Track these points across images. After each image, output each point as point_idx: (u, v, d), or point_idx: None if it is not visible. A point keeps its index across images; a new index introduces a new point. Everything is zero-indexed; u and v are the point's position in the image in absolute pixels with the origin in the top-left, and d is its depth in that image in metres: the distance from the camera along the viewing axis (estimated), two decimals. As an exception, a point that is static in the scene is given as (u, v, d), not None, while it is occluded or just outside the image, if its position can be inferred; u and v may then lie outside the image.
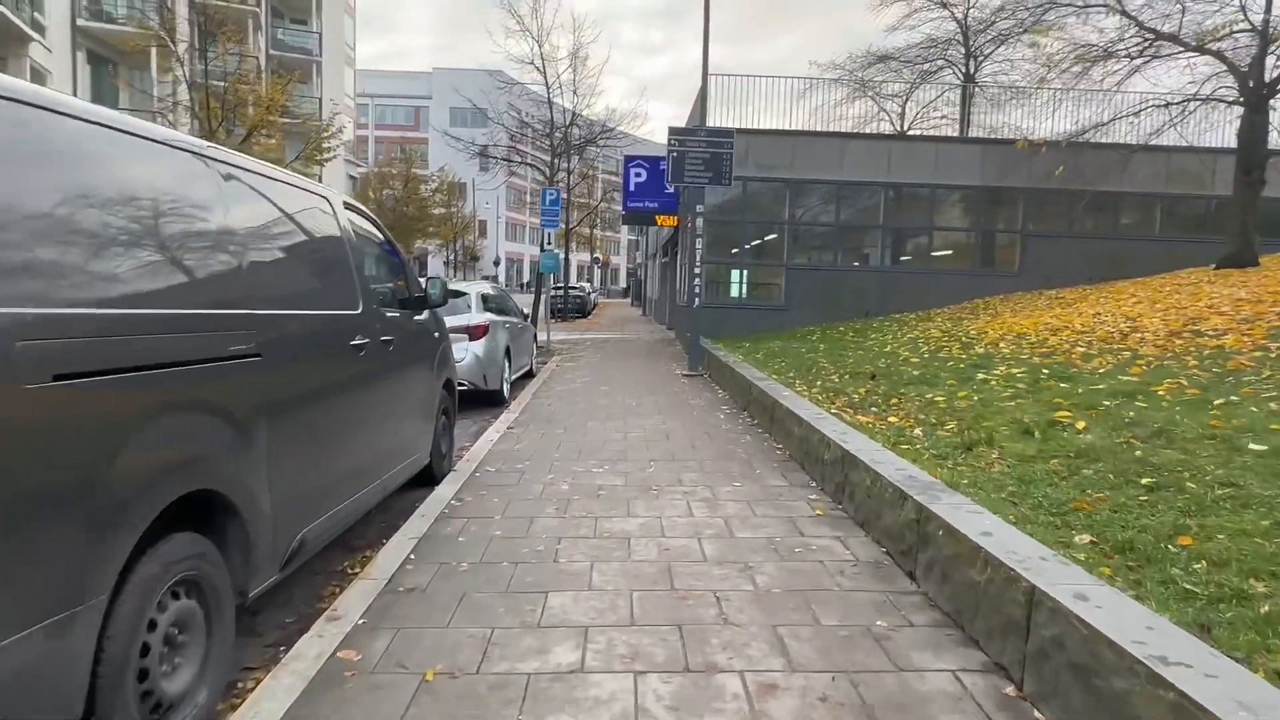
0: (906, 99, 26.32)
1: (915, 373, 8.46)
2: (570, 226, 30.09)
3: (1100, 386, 6.57)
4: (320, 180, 28.38)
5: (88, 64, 27.13)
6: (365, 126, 74.44)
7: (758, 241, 17.35)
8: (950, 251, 17.56)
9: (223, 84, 20.96)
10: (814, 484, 5.48)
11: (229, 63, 21.88)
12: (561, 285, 29.91)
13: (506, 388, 9.76)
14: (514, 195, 73.58)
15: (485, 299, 9.65)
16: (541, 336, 17.37)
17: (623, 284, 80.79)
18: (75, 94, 25.38)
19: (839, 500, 4.98)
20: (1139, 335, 9.06)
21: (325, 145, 23.42)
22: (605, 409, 8.75)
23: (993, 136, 17.43)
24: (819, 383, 8.73)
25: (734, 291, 17.37)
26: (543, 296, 16.95)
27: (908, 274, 17.07)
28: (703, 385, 11.06)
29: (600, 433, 7.31)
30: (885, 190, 16.90)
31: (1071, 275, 16.67)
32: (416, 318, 5.21)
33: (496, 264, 71.34)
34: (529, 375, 12.08)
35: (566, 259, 29.73)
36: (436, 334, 5.57)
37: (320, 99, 41.53)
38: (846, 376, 8.98)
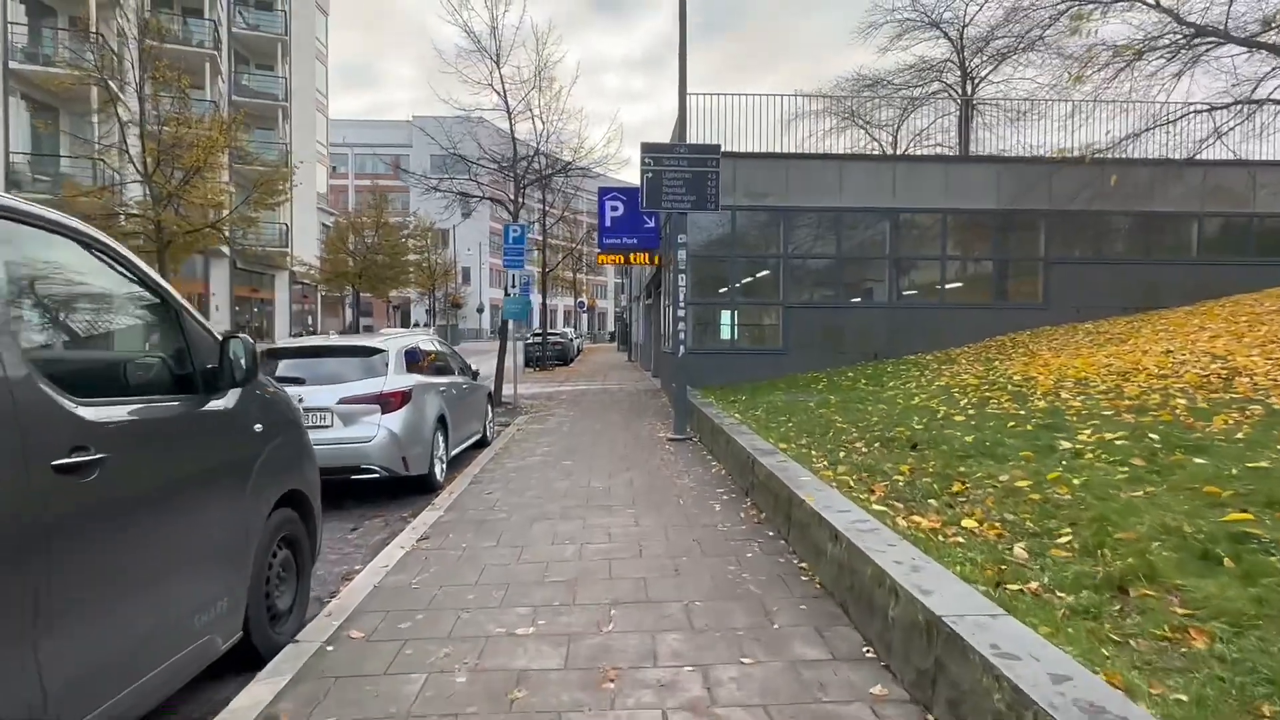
0: (899, 125, 24.87)
1: (967, 438, 6.42)
2: (548, 269, 28.26)
3: (1263, 463, 4.56)
4: (288, 228, 26.29)
5: (26, 110, 25.38)
6: (345, 176, 73.48)
7: (749, 279, 15.45)
8: (964, 284, 15.70)
9: (159, 127, 19.19)
10: (874, 654, 3.38)
11: (177, 106, 20.17)
12: (540, 332, 27.93)
13: (441, 468, 7.66)
14: (497, 241, 72.16)
15: (411, 356, 7.59)
16: (508, 390, 15.30)
17: (610, 328, 79.03)
18: (5, 142, 23.43)
19: (928, 702, 2.88)
20: (1247, 379, 7.08)
21: (277, 188, 21.60)
22: (563, 498, 6.65)
23: (1008, 155, 15.75)
24: (842, 454, 6.68)
25: (724, 334, 15.40)
26: (509, 346, 14.88)
27: (918, 309, 15.17)
28: (692, 454, 8.98)
29: (547, 544, 5.21)
30: (890, 217, 15.09)
31: (1103, 305, 14.82)
32: (212, 405, 3.14)
33: (480, 311, 69.57)
34: (480, 444, 9.99)
35: (545, 304, 27.81)
36: (260, 426, 3.47)
37: (289, 145, 40.02)
38: (876, 445, 6.92)
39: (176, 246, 20.29)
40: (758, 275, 15.48)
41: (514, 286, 14.48)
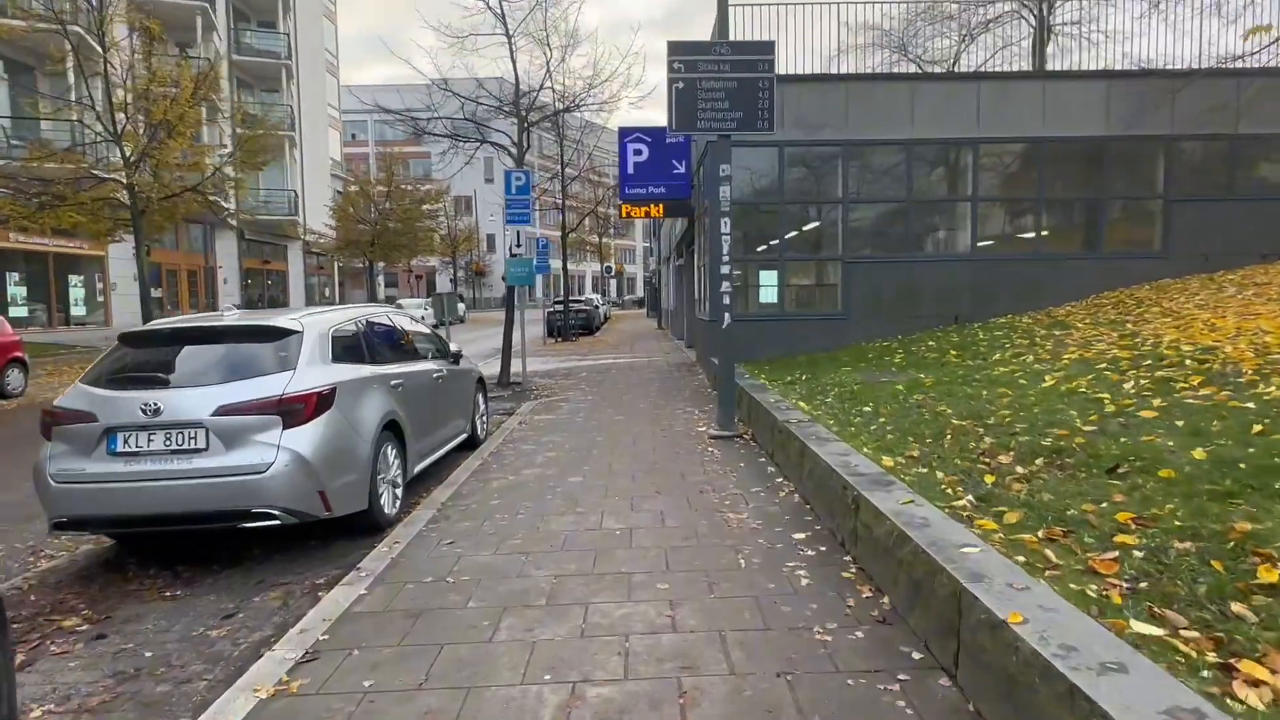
0: (956, 58, 21.86)
1: (1193, 452, 4.01)
2: (569, 231, 25.84)
3: None
4: (298, 195, 24.06)
5: (3, 72, 23.42)
6: (365, 144, 71.22)
7: (802, 230, 12.90)
8: (1061, 230, 12.98)
9: (125, 78, 17.01)
10: None
11: (145, 55, 17.96)
12: (562, 299, 25.62)
13: (392, 498, 5.40)
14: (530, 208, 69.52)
15: (345, 339, 5.30)
16: (517, 368, 13.04)
17: (640, 294, 76.47)
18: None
19: None
20: None
21: (262, 147, 19.41)
22: (560, 555, 4.36)
23: (1126, 68, 12.82)
24: (988, 478, 4.28)
25: (770, 297, 12.90)
26: (515, 317, 12.58)
27: (1006, 262, 12.51)
28: (746, 462, 6.62)
29: (512, 677, 2.92)
30: (972, 150, 12.39)
31: (1238, 252, 12.05)
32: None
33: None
34: (470, 445, 7.75)
35: (565, 268, 25.46)
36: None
37: (295, 108, 37.84)
38: (1036, 462, 4.51)
39: (156, 212, 18.28)
40: (812, 225, 12.91)
41: (518, 245, 12.13)
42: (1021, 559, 3.08)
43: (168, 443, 4.28)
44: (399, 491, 5.51)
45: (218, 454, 4.30)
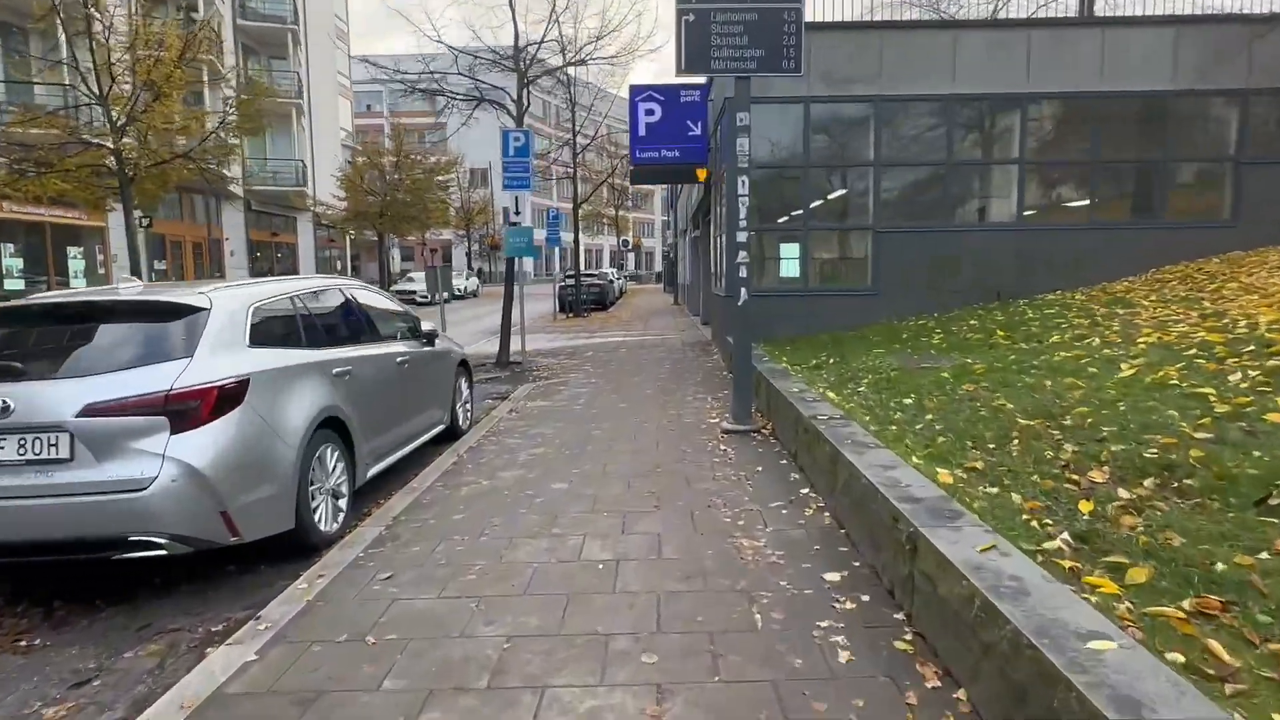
0: (994, 15, 20.34)
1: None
2: (581, 201, 24.73)
3: None
4: (305, 165, 22.75)
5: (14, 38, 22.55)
6: (380, 115, 69.99)
7: (828, 197, 11.74)
8: (1114, 197, 11.72)
9: (106, 34, 16.03)
10: None
11: (143, 21, 16.97)
12: (574, 273, 24.56)
13: (331, 512, 4.44)
14: (540, 180, 68.62)
15: (270, 318, 4.32)
16: (516, 346, 12.07)
17: (658, 268, 75.26)
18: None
19: None
20: None
21: (255, 110, 18.40)
22: (521, 600, 3.39)
23: (1197, 14, 11.40)
24: (1082, 506, 3.25)
25: (792, 270, 11.79)
26: (515, 291, 11.57)
27: (1055, 232, 11.30)
28: (764, 465, 5.60)
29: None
30: (1020, 107, 11.13)
31: (1319, 221, 10.77)
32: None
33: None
34: (450, 435, 6.81)
35: (577, 240, 24.38)
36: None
37: (303, 75, 36.79)
38: (1145, 482, 3.47)
39: (146, 180, 17.41)
40: (839, 192, 11.75)
41: (516, 213, 11.09)
42: (1178, 656, 2.06)
43: (20, 451, 3.35)
44: (344, 502, 4.56)
45: (85, 466, 3.36)
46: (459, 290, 39.61)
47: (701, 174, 13.81)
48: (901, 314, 11.19)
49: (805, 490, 4.78)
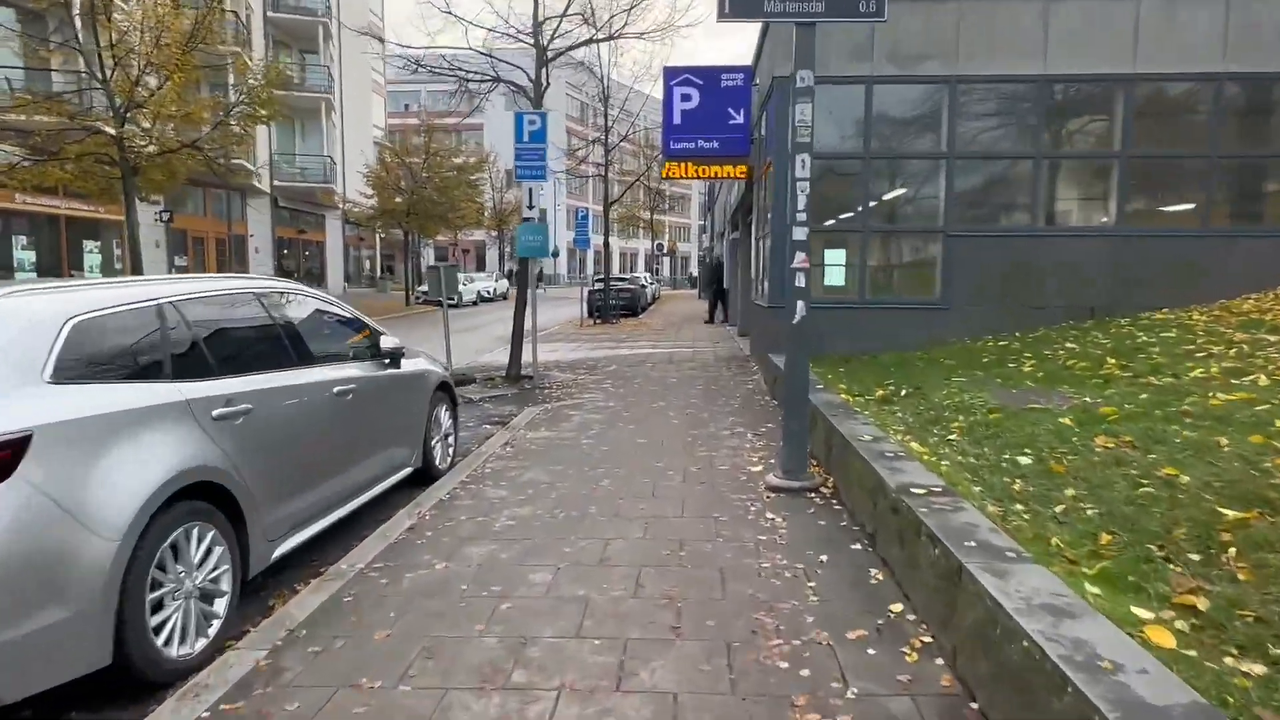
0: None
1: None
2: (613, 201, 23.33)
3: None
4: (333, 161, 21.59)
5: (16, 21, 21.89)
6: (417, 114, 69.55)
7: (891, 194, 10.14)
8: (1236, 198, 9.93)
9: (109, 22, 15.02)
10: None
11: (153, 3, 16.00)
12: (603, 276, 23.16)
13: (194, 629, 3.01)
14: (576, 182, 67.68)
15: (98, 340, 2.90)
16: (527, 357, 10.64)
17: (694, 273, 73.76)
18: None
19: None
20: None
21: (266, 97, 17.30)
22: None
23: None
24: None
25: (838, 279, 10.21)
26: (530, 295, 10.16)
27: (1163, 239, 9.56)
28: (829, 548, 4.05)
29: None
30: (1125, 89, 9.42)
31: None
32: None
33: (555, 255, 65.42)
34: (419, 480, 5.39)
35: (607, 242, 22.99)
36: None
37: (333, 71, 36.03)
38: None
39: (152, 169, 16.41)
40: (902, 189, 10.13)
41: (530, 207, 9.67)
42: None
43: None
44: (223, 604, 3.14)
45: None
46: (486, 293, 38.51)
47: (742, 169, 12.27)
48: (974, 331, 9.54)
49: (898, 606, 3.23)
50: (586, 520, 4.43)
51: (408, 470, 5.20)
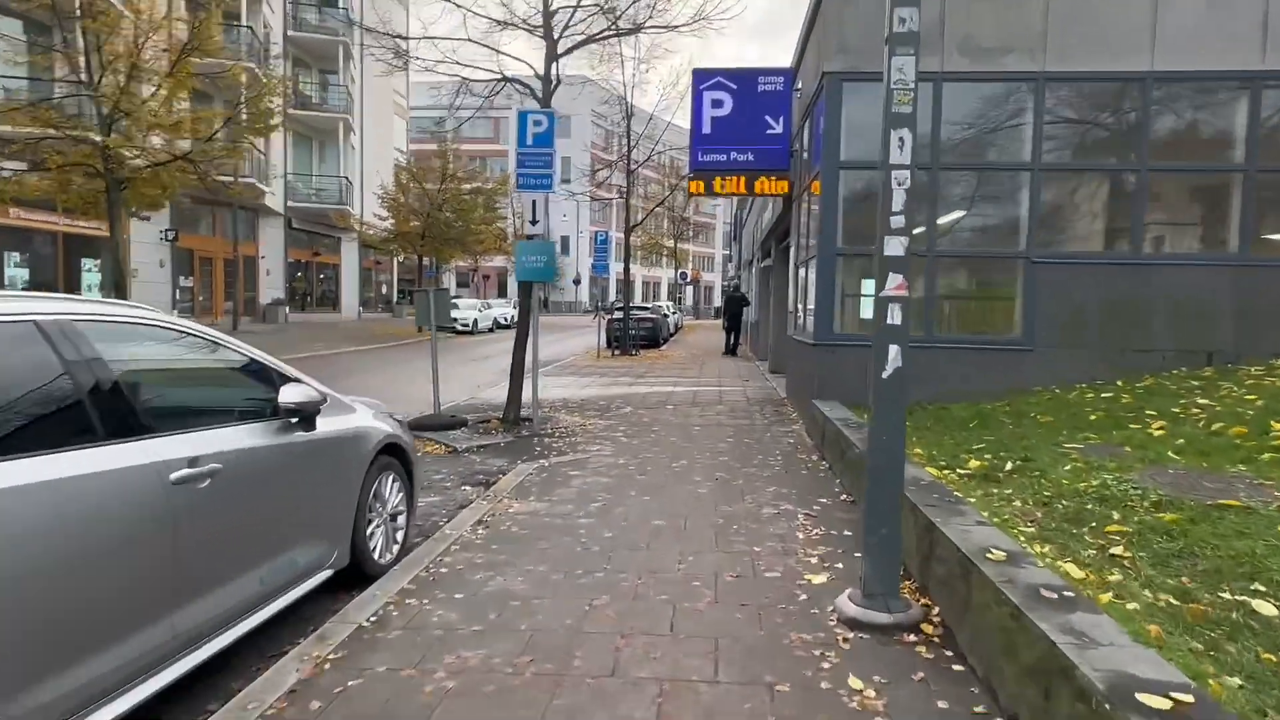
0: None
1: None
2: (633, 225, 21.95)
3: None
4: (349, 182, 20.37)
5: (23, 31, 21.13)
6: (443, 140, 69.33)
7: (959, 212, 8.55)
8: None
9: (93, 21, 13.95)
10: None
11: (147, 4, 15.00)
12: (622, 305, 21.69)
13: None
14: (599, 208, 66.90)
15: None
16: (529, 394, 9.10)
17: (718, 303, 72.45)
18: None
19: None
20: None
21: (265, 106, 16.18)
22: None
23: None
24: None
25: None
26: (532, 325, 8.64)
27: (1294, 271, 7.87)
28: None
29: None
30: (1250, 89, 7.81)
31: None
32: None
33: (577, 283, 64.32)
34: (357, 576, 3.84)
35: (627, 268, 21.57)
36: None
37: (351, 90, 35.31)
38: None
39: (141, 183, 15.27)
40: (978, 206, 8.54)
41: (533, 221, 8.20)
42: None
43: None
44: None
45: None
46: (504, 319, 37.20)
47: (782, 185, 10.75)
48: (1063, 377, 7.88)
49: None
50: (566, 685, 2.83)
51: (322, 576, 3.65)
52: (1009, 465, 4.98)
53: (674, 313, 36.11)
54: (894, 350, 3.39)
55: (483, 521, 4.96)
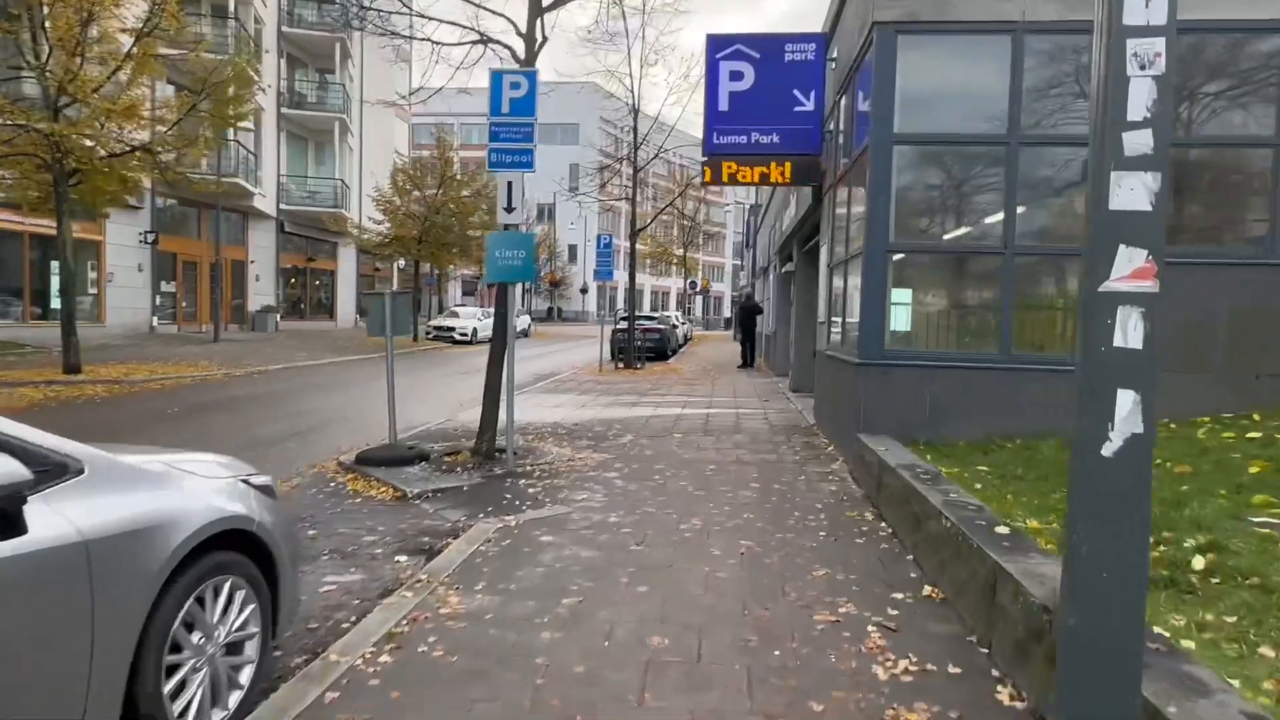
0: None
1: None
2: (640, 228, 20.32)
3: None
4: (344, 185, 18.62)
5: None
6: (451, 147, 67.99)
7: (1045, 200, 6.84)
8: None
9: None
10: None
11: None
12: (627, 315, 20.03)
13: None
14: (609, 217, 65.52)
15: None
16: (505, 415, 7.39)
17: (727, 314, 70.79)
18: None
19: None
20: None
21: (239, 94, 14.67)
22: None
23: None
24: None
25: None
26: (508, 336, 6.96)
27: None
28: None
29: None
30: None
31: None
32: None
33: (584, 292, 62.79)
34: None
35: (633, 272, 19.93)
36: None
37: (347, 90, 33.94)
38: None
39: (96, 177, 13.77)
40: (1065, 191, 6.84)
41: (508, 208, 6.56)
42: None
43: None
44: None
45: None
46: (506, 328, 35.52)
47: (805, 174, 9.10)
48: (1180, 409, 6.15)
49: None
50: None
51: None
52: (1194, 557, 3.28)
53: (683, 323, 34.40)
54: (1128, 402, 1.69)
55: (396, 637, 3.29)
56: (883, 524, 5.10)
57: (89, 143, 13.37)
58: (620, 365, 18.94)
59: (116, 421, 9.69)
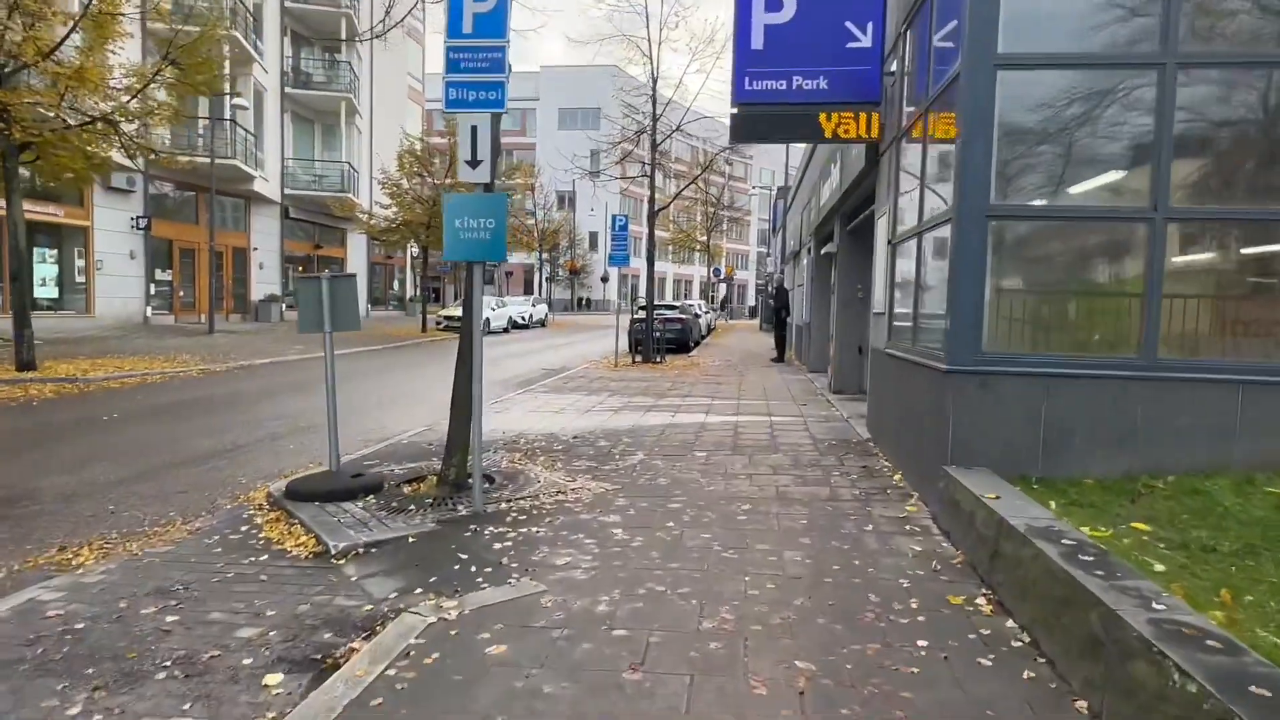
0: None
1: None
2: (659, 208, 18.56)
3: None
4: (352, 169, 16.84)
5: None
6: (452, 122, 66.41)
7: (1210, 146, 5.03)
8: None
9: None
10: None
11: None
12: (646, 304, 18.27)
13: None
14: (631, 203, 63.70)
15: None
16: (483, 424, 5.70)
17: (751, 303, 68.75)
18: None
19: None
20: None
21: (208, 59, 13.11)
22: None
23: None
24: None
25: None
26: (474, 333, 5.28)
27: None
28: None
29: None
30: None
31: None
32: None
33: (604, 280, 61.06)
34: None
35: (652, 256, 18.18)
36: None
37: (356, 71, 32.42)
38: None
39: (54, 151, 12.30)
40: (1238, 133, 5.00)
41: (472, 161, 4.89)
42: None
43: None
44: None
45: None
46: (521, 318, 34.02)
47: (870, 125, 7.30)
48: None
49: None
50: None
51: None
52: None
53: (706, 312, 32.56)
54: None
55: None
56: (1009, 622, 3.37)
57: (44, 111, 11.94)
58: (638, 359, 17.25)
59: (23, 429, 8.24)
